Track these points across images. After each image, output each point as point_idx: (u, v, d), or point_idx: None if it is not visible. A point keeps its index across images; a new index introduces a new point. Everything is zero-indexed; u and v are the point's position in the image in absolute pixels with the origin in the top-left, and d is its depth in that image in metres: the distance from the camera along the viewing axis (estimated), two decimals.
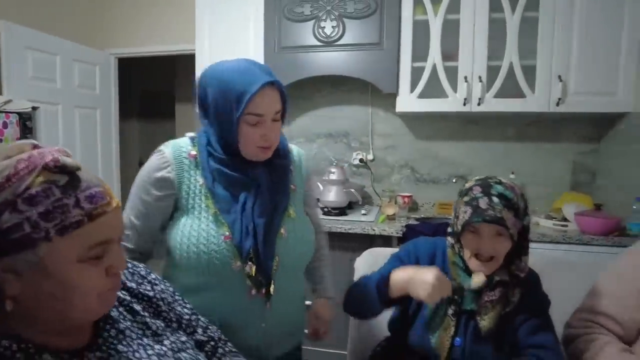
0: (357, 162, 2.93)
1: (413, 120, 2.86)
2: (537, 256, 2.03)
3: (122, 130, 3.68)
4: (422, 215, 2.61)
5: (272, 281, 1.04)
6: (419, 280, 0.99)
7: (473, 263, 1.07)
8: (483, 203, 1.02)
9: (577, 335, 1.12)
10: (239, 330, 1.03)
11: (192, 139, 1.10)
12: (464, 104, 2.42)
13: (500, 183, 1.05)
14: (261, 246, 1.02)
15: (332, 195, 2.54)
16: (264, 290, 1.04)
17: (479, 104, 2.41)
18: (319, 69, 2.55)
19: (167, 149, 1.08)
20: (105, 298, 0.63)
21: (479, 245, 1.05)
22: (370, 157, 2.92)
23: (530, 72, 2.37)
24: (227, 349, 0.88)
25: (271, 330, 1.08)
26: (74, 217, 0.56)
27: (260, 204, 1.04)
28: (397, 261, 1.19)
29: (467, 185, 1.10)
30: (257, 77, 0.97)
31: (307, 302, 1.24)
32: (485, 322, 1.07)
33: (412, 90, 2.49)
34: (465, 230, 1.07)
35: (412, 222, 2.35)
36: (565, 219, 2.34)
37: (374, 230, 2.27)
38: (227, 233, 1.01)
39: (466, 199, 1.06)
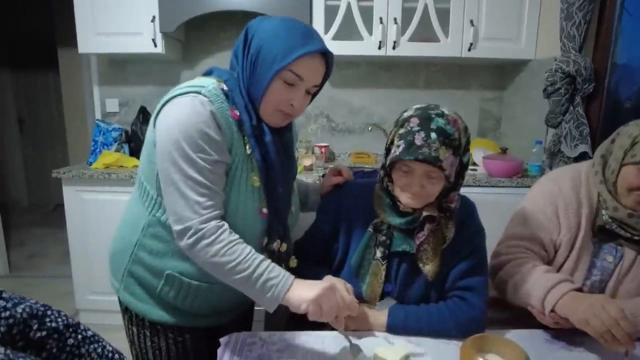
0: None
1: None
2: None
3: None
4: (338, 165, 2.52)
5: (293, 257, 1.04)
6: None
7: (403, 197, 0.98)
8: (419, 139, 0.90)
9: (508, 261, 1.14)
10: (231, 303, 1.06)
11: (224, 92, 0.91)
12: (379, 48, 2.32)
13: (442, 116, 0.93)
14: (283, 221, 1.01)
15: None
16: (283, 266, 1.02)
17: (394, 48, 2.33)
18: (220, 4, 2.25)
19: (209, 103, 0.87)
20: None
21: (408, 183, 0.96)
22: None
23: (444, 16, 2.33)
24: (79, 337, 0.69)
25: None
26: None
27: (279, 175, 0.97)
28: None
29: (406, 114, 0.97)
30: (316, 40, 0.89)
31: None
32: (429, 267, 0.99)
33: (326, 31, 2.32)
34: (395, 166, 0.97)
35: None
36: (474, 164, 2.42)
37: None
38: (265, 210, 0.95)
39: (402, 131, 0.94)
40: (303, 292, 0.83)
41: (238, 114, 0.90)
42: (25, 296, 0.66)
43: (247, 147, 0.92)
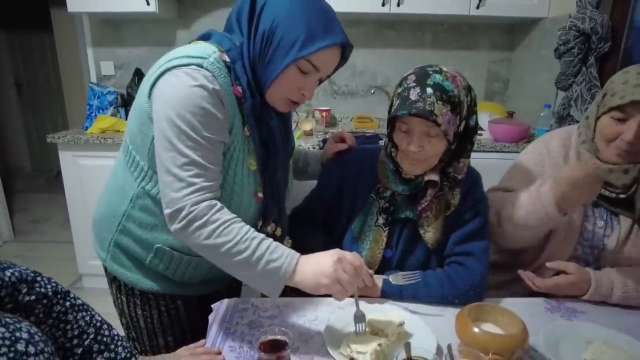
0: None
1: None
2: None
3: None
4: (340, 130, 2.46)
5: (287, 237, 1.03)
6: None
7: (405, 163, 0.95)
8: (414, 94, 0.87)
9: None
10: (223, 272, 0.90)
11: (226, 64, 0.83)
12: (383, 4, 2.20)
13: (440, 72, 0.89)
14: (279, 204, 0.98)
15: None
16: None
17: (398, 5, 2.21)
18: None
19: (213, 79, 0.80)
20: None
21: (408, 142, 0.91)
22: None
23: None
24: (67, 304, 0.69)
25: None
26: None
27: (281, 160, 0.95)
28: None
29: (406, 74, 0.94)
30: (337, 28, 0.84)
31: None
32: (430, 234, 0.97)
33: None
34: (395, 126, 0.94)
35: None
36: (480, 128, 2.34)
37: None
38: (260, 194, 0.91)
39: (399, 90, 0.92)
40: (315, 277, 0.76)
41: (241, 91, 0.83)
42: (30, 261, 0.65)
43: (245, 127, 0.86)
